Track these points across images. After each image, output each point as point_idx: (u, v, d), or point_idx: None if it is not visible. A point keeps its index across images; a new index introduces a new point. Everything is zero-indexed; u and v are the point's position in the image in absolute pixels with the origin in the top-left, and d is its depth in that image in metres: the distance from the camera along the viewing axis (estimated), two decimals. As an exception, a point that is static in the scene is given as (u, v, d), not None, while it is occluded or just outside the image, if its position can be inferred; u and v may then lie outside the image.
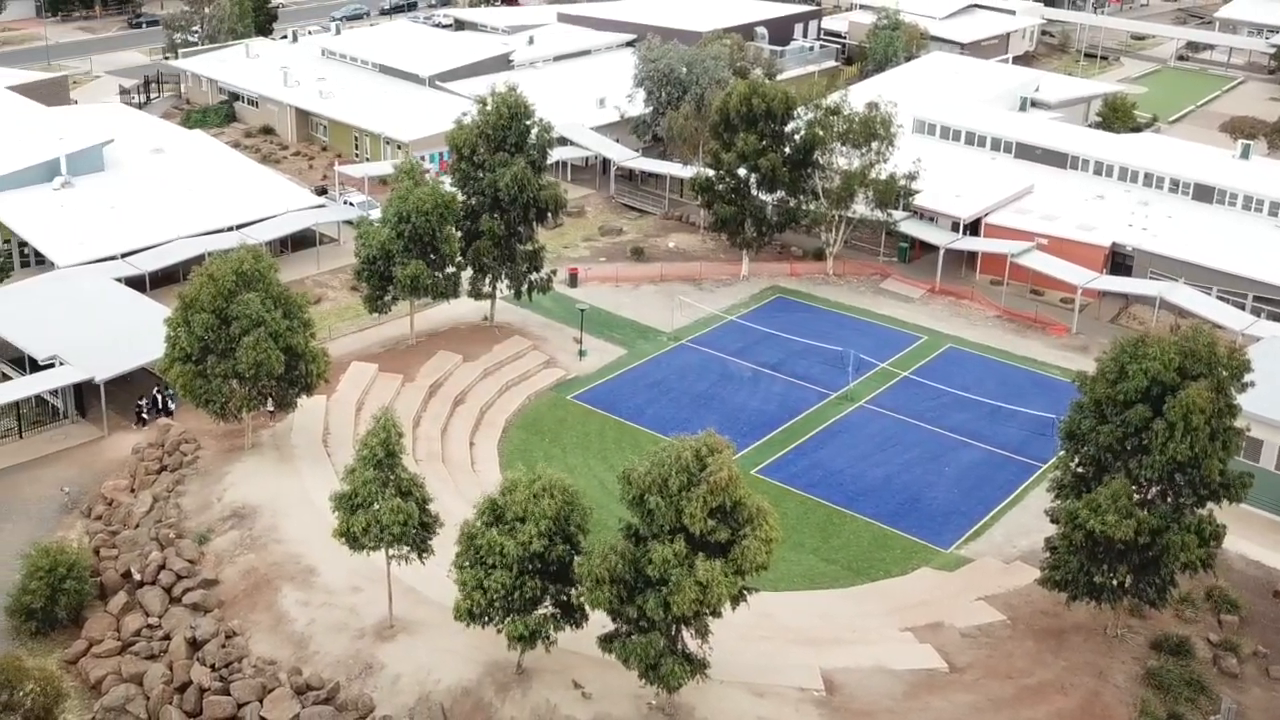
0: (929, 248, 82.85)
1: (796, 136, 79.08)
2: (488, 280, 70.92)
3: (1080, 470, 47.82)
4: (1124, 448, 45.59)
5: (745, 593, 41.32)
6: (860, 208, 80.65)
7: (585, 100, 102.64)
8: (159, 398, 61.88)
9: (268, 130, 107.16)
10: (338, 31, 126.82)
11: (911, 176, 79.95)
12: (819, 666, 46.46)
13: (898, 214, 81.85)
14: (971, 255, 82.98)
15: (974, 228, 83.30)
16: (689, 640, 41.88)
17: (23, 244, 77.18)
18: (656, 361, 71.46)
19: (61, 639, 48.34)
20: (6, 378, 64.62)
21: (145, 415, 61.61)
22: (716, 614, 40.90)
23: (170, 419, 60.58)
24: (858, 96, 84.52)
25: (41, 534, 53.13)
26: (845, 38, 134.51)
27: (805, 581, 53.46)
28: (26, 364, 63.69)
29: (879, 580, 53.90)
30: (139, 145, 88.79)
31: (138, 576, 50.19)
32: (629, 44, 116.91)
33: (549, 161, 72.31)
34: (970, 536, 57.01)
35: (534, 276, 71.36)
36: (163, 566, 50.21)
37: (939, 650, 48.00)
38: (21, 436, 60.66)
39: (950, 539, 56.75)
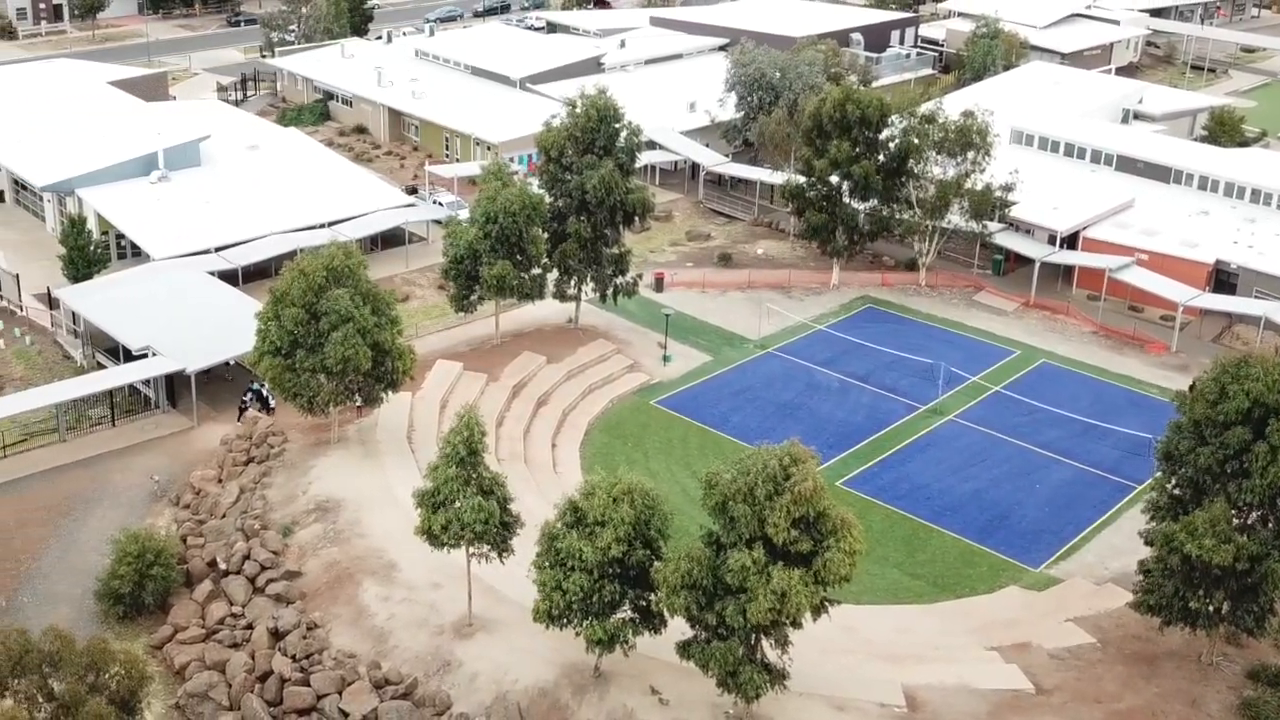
0: (1024, 260, 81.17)
1: (891, 144, 77.99)
2: (573, 282, 70.87)
3: (1177, 492, 46.54)
4: (1224, 470, 44.22)
5: (826, 604, 40.77)
6: (955, 218, 79.29)
7: (675, 104, 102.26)
8: (263, 393, 62.29)
9: (361, 129, 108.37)
10: (431, 33, 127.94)
11: (1008, 187, 78.53)
12: (901, 683, 45.68)
13: (993, 225, 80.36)
14: (1068, 269, 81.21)
15: (1071, 241, 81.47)
16: (768, 650, 41.38)
17: (120, 236, 78.70)
18: (742, 369, 70.80)
19: (148, 624, 49.15)
20: (101, 367, 65.95)
21: (249, 407, 62.12)
22: (796, 624, 40.43)
23: (271, 415, 61.14)
24: (954, 105, 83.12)
25: (131, 520, 54.03)
26: (943, 46, 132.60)
27: (889, 596, 52.60)
28: (120, 354, 64.85)
29: (965, 597, 52.93)
30: (235, 142, 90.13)
31: (223, 566, 50.81)
32: (721, 48, 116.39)
33: (637, 165, 72.09)
34: (1060, 556, 55.72)
35: (619, 280, 71.12)
36: (247, 557, 50.79)
37: (1025, 671, 46.90)
38: (114, 424, 61.73)
39: (1040, 558, 55.49)
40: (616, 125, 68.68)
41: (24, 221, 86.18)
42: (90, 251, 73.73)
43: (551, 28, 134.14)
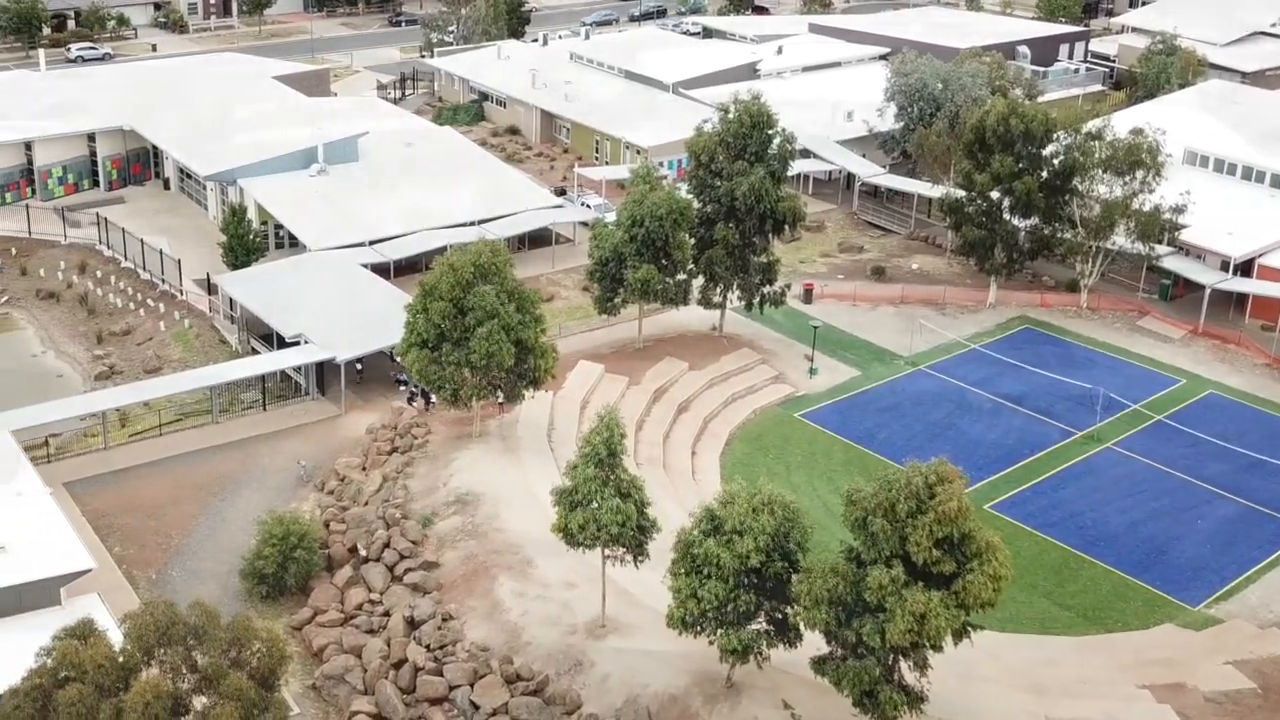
0: (1194, 286, 77.68)
1: (1055, 161, 75.40)
2: (719, 290, 70.09)
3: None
4: None
5: (969, 629, 39.38)
6: (1120, 239, 76.26)
7: (832, 113, 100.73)
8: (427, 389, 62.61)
9: (513, 130, 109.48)
10: (587, 36, 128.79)
11: (1178, 209, 75.20)
12: (1044, 716, 44.06)
13: (1161, 248, 77.05)
14: (1241, 297, 77.54)
15: (1246, 268, 77.68)
16: (907, 672, 40.07)
17: (278, 226, 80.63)
18: (891, 386, 69.14)
19: (289, 605, 49.94)
20: (255, 352, 67.54)
21: (415, 401, 62.75)
22: (937, 647, 39.24)
23: (430, 408, 61.64)
24: (1124, 122, 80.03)
25: (277, 503, 55.02)
26: (1114, 61, 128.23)
27: (1036, 625, 50.74)
28: (274, 340, 66.32)
29: (1116, 632, 50.84)
30: (392, 139, 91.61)
31: (363, 552, 51.36)
32: (882, 58, 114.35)
33: (790, 173, 71.00)
34: (1221, 595, 53.02)
35: (767, 289, 70.07)
36: (387, 545, 51.26)
37: (1179, 712, 44.89)
38: (265, 409, 63.09)
39: (1198, 596, 52.87)
40: (770, 132, 67.75)
41: (188, 209, 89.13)
42: (249, 240, 75.64)
43: (707, 33, 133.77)
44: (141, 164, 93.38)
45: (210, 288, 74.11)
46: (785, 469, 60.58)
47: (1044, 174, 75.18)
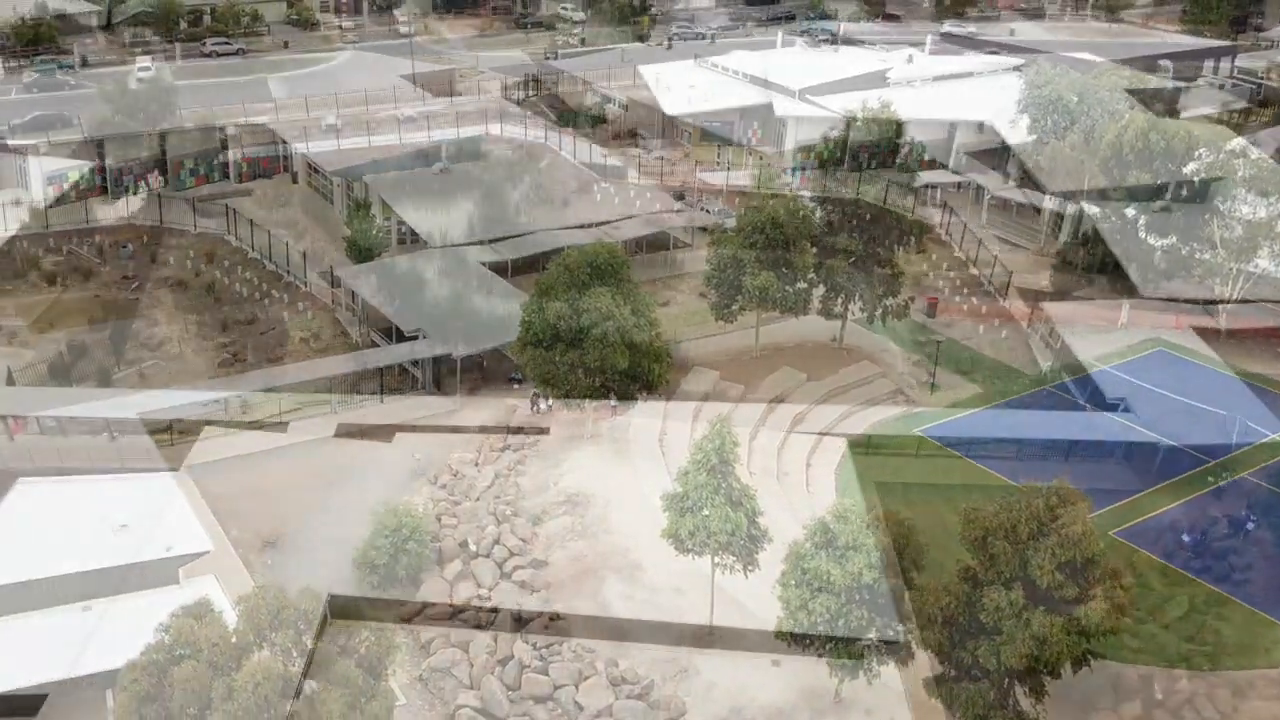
0: (1341, 313, 74.32)
1: (1195, 179, 72.67)
2: (840, 300, 68.92)
3: None
4: None
5: (1089, 657, 37.95)
6: (1263, 262, 73.16)
7: (963, 123, 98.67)
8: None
9: (634, 133, 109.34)
10: (713, 40, 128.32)
11: (1327, 232, 72.04)
12: (1170, 757, 42.04)
13: (1307, 272, 73.91)
14: (1391, 326, 73.90)
15: (1397, 296, 74.03)
16: (1022, 697, 38.79)
17: (400, 222, 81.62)
18: (1014, 404, 67.25)
19: (399, 596, 50.07)
20: (374, 345, 68.32)
21: (537, 403, 62.89)
22: (1055, 674, 37.92)
23: (549, 408, 61.76)
24: (1270, 140, 76.84)
25: (391, 495, 55.36)
26: (1262, 78, 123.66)
27: (1161, 658, 48.58)
28: (393, 334, 67.00)
29: (1248, 670, 48.33)
30: (513, 139, 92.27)
31: (473, 548, 51.50)
32: (1016, 69, 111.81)
33: (917, 184, 69.58)
34: (1367, 638, 50.28)
35: (889, 301, 68.61)
36: (497, 541, 51.42)
37: (1316, 761, 42.49)
38: (382, 401, 63.72)
39: (1339, 637, 50.23)
40: (898, 141, 66.53)
41: (314, 203, 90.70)
42: (372, 235, 76.61)
43: (835, 40, 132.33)
44: (270, 158, 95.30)
45: (333, 280, 75.25)
46: (902, 485, 59.16)
47: (1183, 192, 72.53)
